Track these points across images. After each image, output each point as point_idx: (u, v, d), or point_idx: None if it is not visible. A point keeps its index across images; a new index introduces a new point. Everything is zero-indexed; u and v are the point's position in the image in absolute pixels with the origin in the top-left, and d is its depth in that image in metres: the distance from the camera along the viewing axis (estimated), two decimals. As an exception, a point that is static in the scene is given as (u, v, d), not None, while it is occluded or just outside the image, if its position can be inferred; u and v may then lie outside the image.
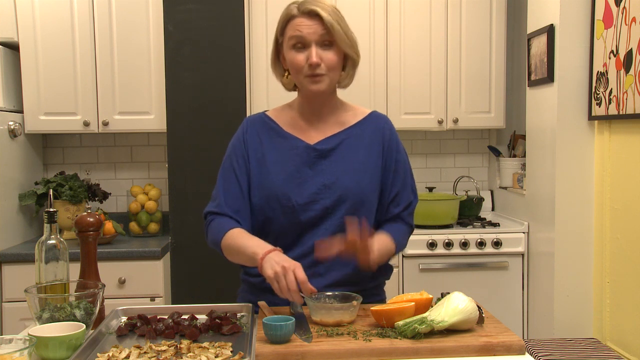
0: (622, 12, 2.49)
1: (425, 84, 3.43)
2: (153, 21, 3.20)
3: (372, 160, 1.74)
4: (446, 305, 1.44)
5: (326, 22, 1.62)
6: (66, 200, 3.18)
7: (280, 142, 1.74)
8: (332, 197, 1.68)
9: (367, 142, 1.75)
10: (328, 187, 1.69)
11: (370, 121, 1.79)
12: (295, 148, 1.72)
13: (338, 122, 1.77)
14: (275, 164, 1.71)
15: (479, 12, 3.42)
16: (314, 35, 1.63)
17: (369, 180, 1.72)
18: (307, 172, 1.70)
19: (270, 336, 1.38)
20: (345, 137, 1.75)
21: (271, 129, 1.77)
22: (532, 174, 3.11)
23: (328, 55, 1.65)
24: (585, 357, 2.42)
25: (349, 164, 1.71)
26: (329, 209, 1.68)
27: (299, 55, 1.65)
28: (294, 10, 1.66)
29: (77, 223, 1.64)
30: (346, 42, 1.66)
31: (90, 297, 1.51)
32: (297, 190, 1.68)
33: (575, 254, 2.85)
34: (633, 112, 2.43)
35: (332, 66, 1.66)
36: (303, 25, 1.63)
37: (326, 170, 1.70)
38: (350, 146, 1.74)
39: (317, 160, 1.71)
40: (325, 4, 1.66)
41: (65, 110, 3.21)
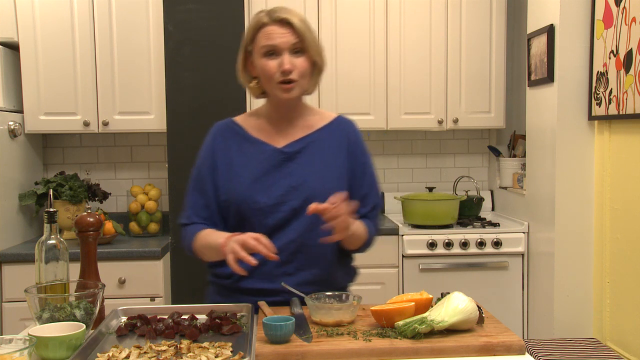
0: (622, 12, 2.49)
1: (425, 84, 3.43)
2: (153, 21, 3.20)
3: (338, 162, 1.78)
4: (446, 305, 1.44)
5: (298, 30, 1.67)
6: (66, 200, 3.18)
7: (247, 146, 1.78)
8: (300, 199, 1.71)
9: (333, 145, 1.79)
10: (295, 189, 1.72)
11: (336, 125, 1.83)
12: (263, 152, 1.76)
13: (305, 126, 1.81)
14: (243, 168, 1.75)
15: (479, 12, 3.42)
16: (286, 43, 1.67)
17: (335, 182, 1.76)
18: (274, 175, 1.74)
19: (270, 336, 1.38)
20: (312, 140, 1.79)
21: (238, 134, 1.81)
22: (532, 174, 3.11)
23: (299, 62, 1.69)
24: (585, 357, 2.42)
25: (315, 166, 1.75)
26: (296, 210, 1.71)
27: (271, 62, 1.68)
28: (265, 19, 1.69)
29: (77, 223, 1.64)
30: (316, 50, 1.71)
31: (90, 297, 1.51)
32: (265, 193, 1.72)
33: (575, 254, 2.85)
34: (633, 112, 2.43)
35: (304, 73, 1.70)
36: (275, 34, 1.67)
37: (293, 173, 1.74)
38: (317, 149, 1.78)
39: (284, 163, 1.75)
40: (295, 13, 1.70)
41: (65, 110, 3.21)
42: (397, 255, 3.18)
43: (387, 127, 3.44)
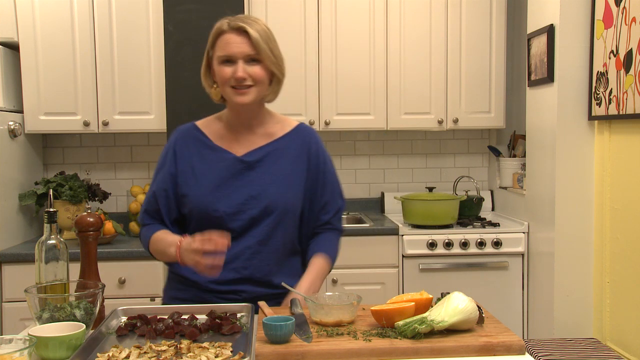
0: (622, 12, 2.49)
1: (425, 84, 3.43)
2: (153, 21, 3.20)
3: (298, 172, 1.81)
4: (446, 305, 1.44)
5: (253, 40, 1.69)
6: (66, 200, 3.18)
7: (208, 154, 1.80)
8: (259, 208, 1.75)
9: (293, 154, 1.82)
10: (254, 198, 1.75)
11: (296, 134, 1.86)
12: (223, 160, 1.78)
13: (266, 134, 1.83)
14: (203, 176, 1.77)
15: (479, 12, 3.42)
16: (241, 53, 1.70)
17: (294, 192, 1.79)
18: (234, 184, 1.76)
19: (270, 336, 1.38)
20: (272, 149, 1.81)
21: (200, 140, 1.83)
22: (532, 174, 3.11)
23: (254, 69, 1.72)
24: (585, 357, 2.42)
25: (275, 176, 1.78)
26: (255, 219, 1.75)
27: (226, 69, 1.72)
28: (224, 26, 1.73)
29: (77, 223, 1.64)
30: (272, 60, 1.73)
31: (90, 297, 1.51)
32: (225, 201, 1.74)
33: (575, 254, 2.85)
34: (633, 112, 2.43)
35: (258, 79, 1.73)
36: (232, 43, 1.70)
37: (253, 182, 1.76)
38: (277, 158, 1.80)
39: (244, 171, 1.78)
40: (255, 22, 1.73)
41: (65, 110, 3.21)
42: (397, 255, 3.18)
43: (387, 127, 3.44)
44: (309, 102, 3.37)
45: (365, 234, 3.17)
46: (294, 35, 3.34)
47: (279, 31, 3.31)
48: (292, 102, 3.36)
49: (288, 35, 3.32)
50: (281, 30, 3.32)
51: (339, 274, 3.15)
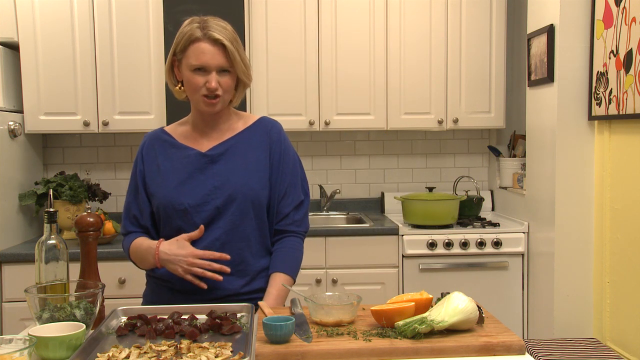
0: (622, 12, 2.49)
1: (425, 84, 3.43)
2: (153, 21, 3.20)
3: (261, 160, 1.84)
4: (446, 305, 1.44)
5: (230, 52, 1.72)
6: (66, 200, 3.18)
7: (173, 152, 1.84)
8: (222, 197, 1.78)
9: (256, 144, 1.85)
10: (218, 188, 1.78)
11: (258, 125, 1.89)
12: (187, 156, 1.82)
13: (228, 130, 1.87)
14: (168, 172, 1.82)
15: (479, 12, 3.42)
16: (216, 65, 1.72)
17: (257, 179, 1.82)
18: (198, 177, 1.80)
19: (270, 336, 1.38)
20: (235, 142, 1.84)
21: (166, 141, 1.87)
22: (532, 174, 3.11)
23: (225, 79, 1.75)
24: (585, 357, 2.42)
25: (237, 166, 1.81)
26: (219, 209, 1.78)
27: (198, 78, 1.74)
28: (198, 33, 1.73)
29: (77, 223, 1.64)
30: (243, 70, 1.77)
31: (90, 297, 1.51)
32: (189, 194, 1.78)
33: (575, 254, 2.85)
34: (633, 112, 2.43)
35: (228, 89, 1.77)
36: (206, 53, 1.72)
37: (217, 174, 1.80)
38: (239, 150, 1.84)
39: (208, 165, 1.81)
40: (226, 30, 1.75)
41: (65, 110, 3.21)
42: (397, 255, 3.18)
43: (387, 127, 3.44)
44: (309, 102, 3.37)
45: (365, 234, 3.17)
46: (294, 35, 3.34)
47: (279, 31, 3.33)
48: (292, 102, 3.36)
49: (288, 35, 3.32)
50: (281, 30, 3.33)
51: (339, 274, 3.15)
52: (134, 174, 1.88)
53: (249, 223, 1.80)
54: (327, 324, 1.50)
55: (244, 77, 1.79)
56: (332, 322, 1.50)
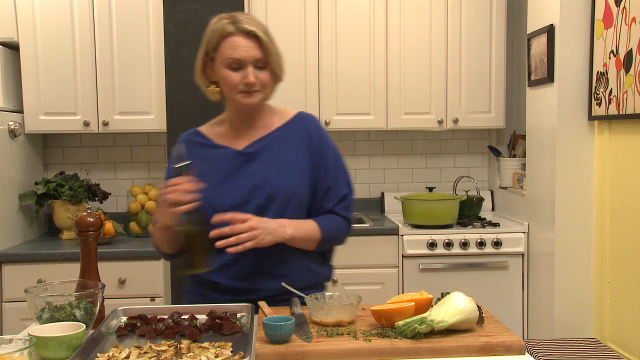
0: (622, 12, 2.49)
1: (425, 84, 3.43)
2: (153, 21, 3.20)
3: (300, 158, 1.79)
4: (446, 305, 1.44)
5: (263, 44, 1.68)
6: (66, 200, 3.18)
7: (209, 152, 1.81)
8: (263, 197, 1.74)
9: (294, 141, 1.81)
10: (258, 188, 1.75)
11: (296, 121, 1.85)
12: (224, 156, 1.79)
13: (265, 126, 1.83)
14: (205, 173, 1.77)
15: (479, 12, 3.42)
16: (251, 57, 1.68)
17: (297, 178, 1.78)
18: (236, 177, 1.77)
19: (270, 336, 1.38)
20: (271, 139, 1.81)
21: (200, 142, 1.84)
22: (532, 174, 3.11)
23: (262, 75, 1.71)
24: (585, 357, 2.42)
25: (276, 164, 1.77)
26: (260, 208, 1.74)
27: (234, 75, 1.70)
28: (230, 27, 1.69)
29: (77, 223, 1.64)
30: (278, 64, 1.74)
31: (90, 297, 1.51)
32: (229, 194, 1.75)
33: (575, 254, 2.85)
34: (633, 112, 2.43)
35: (266, 84, 1.74)
36: (241, 47, 1.67)
37: (255, 172, 1.76)
38: (277, 147, 1.80)
39: (245, 163, 1.78)
40: (258, 22, 1.71)
41: (65, 110, 3.21)
42: (397, 255, 3.18)
43: (387, 127, 3.44)
44: (309, 102, 3.37)
45: (365, 234, 3.17)
46: (294, 36, 3.34)
47: (279, 31, 3.33)
48: (292, 102, 3.35)
49: (288, 36, 3.32)
50: (281, 30, 3.32)
51: (339, 274, 3.14)
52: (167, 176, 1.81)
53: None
54: (327, 324, 1.50)
55: (279, 70, 1.75)
56: (332, 322, 1.50)
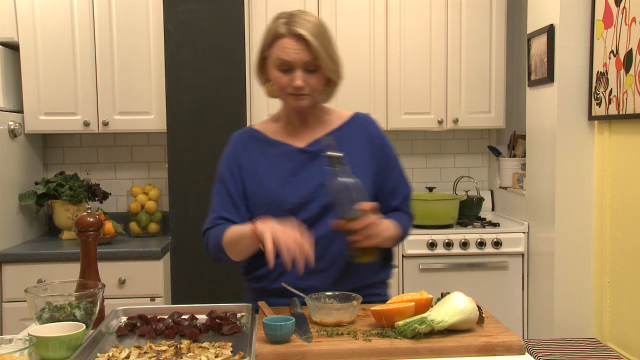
0: (622, 12, 2.49)
1: (425, 84, 3.43)
2: (153, 22, 3.20)
3: (363, 158, 1.78)
4: (446, 305, 1.44)
5: (313, 48, 1.64)
6: (66, 200, 3.18)
7: (269, 150, 1.79)
8: (329, 195, 1.70)
9: (355, 141, 1.80)
10: (324, 186, 1.71)
11: (355, 122, 1.85)
12: (286, 153, 1.77)
13: (323, 126, 1.82)
14: (268, 171, 1.76)
15: (479, 12, 3.42)
16: (300, 60, 1.66)
17: (362, 178, 1.74)
18: (301, 174, 1.74)
19: (270, 336, 1.38)
20: (334, 138, 1.77)
21: (259, 139, 1.82)
22: (532, 174, 3.11)
23: (312, 79, 1.68)
24: (585, 357, 2.42)
25: None
26: (326, 207, 1.71)
27: (283, 77, 1.68)
28: (282, 29, 1.67)
29: (77, 223, 1.64)
30: (330, 68, 1.69)
31: (90, 297, 1.51)
32: (294, 192, 1.72)
33: (575, 254, 2.85)
34: (633, 112, 2.43)
35: (316, 88, 1.71)
36: (290, 50, 1.65)
37: (320, 171, 1.73)
38: (340, 146, 1.76)
39: (309, 162, 1.76)
40: (312, 23, 1.67)
41: (65, 110, 3.21)
42: (397, 255, 3.18)
43: (387, 127, 3.44)
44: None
45: (365, 234, 3.17)
46: (294, 35, 3.33)
47: (279, 31, 3.33)
48: (292, 102, 3.35)
49: (288, 35, 3.32)
50: (281, 30, 3.32)
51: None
52: (226, 172, 1.79)
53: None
54: (327, 324, 1.50)
55: (332, 75, 1.71)
56: (332, 322, 1.50)
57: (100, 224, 1.67)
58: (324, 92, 1.77)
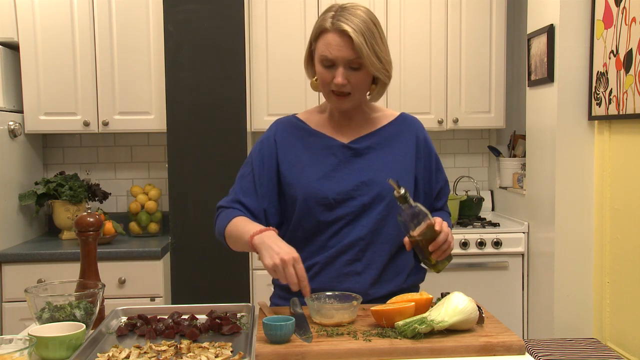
0: (622, 12, 2.49)
1: (425, 84, 3.43)
2: (153, 21, 3.20)
3: (407, 160, 1.76)
4: (446, 305, 1.44)
5: (356, 45, 1.58)
6: (66, 200, 3.18)
7: (313, 141, 1.75)
8: (370, 194, 1.69)
9: (402, 142, 1.77)
10: (365, 185, 1.70)
11: (401, 122, 1.82)
12: (330, 147, 1.74)
13: (369, 123, 1.79)
14: (311, 163, 1.72)
15: (479, 12, 3.42)
16: (342, 58, 1.61)
17: (406, 179, 1.73)
18: (343, 170, 1.71)
19: (270, 336, 1.38)
20: (379, 137, 1.77)
21: (302, 129, 1.78)
22: (532, 174, 3.11)
23: (356, 76, 1.64)
24: (585, 357, 2.42)
25: (385, 163, 1.73)
26: (366, 206, 1.69)
27: (326, 72, 1.65)
28: (327, 23, 1.62)
29: (77, 223, 1.64)
30: (376, 66, 1.63)
31: (90, 297, 1.51)
32: (335, 188, 1.69)
33: (575, 254, 2.85)
34: (633, 112, 2.43)
35: (359, 87, 1.67)
36: (333, 45, 1.61)
37: (362, 169, 1.71)
38: (385, 146, 1.76)
39: (352, 158, 1.73)
40: (359, 19, 1.60)
41: (65, 110, 3.21)
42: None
43: (387, 127, 3.44)
44: (309, 102, 3.37)
45: (365, 234, 3.17)
46: (294, 36, 3.34)
47: (279, 31, 3.33)
48: (292, 102, 3.35)
49: (288, 36, 3.32)
50: (281, 30, 3.33)
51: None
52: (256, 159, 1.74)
53: (394, 223, 1.69)
54: (327, 324, 1.50)
55: (378, 74, 1.65)
56: (332, 323, 1.50)
57: (100, 224, 1.67)
58: (371, 91, 1.74)
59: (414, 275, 1.80)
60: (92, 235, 1.64)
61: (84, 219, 1.64)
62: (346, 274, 1.63)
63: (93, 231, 1.64)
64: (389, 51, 1.69)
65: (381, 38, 1.65)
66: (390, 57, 1.69)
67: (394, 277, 1.73)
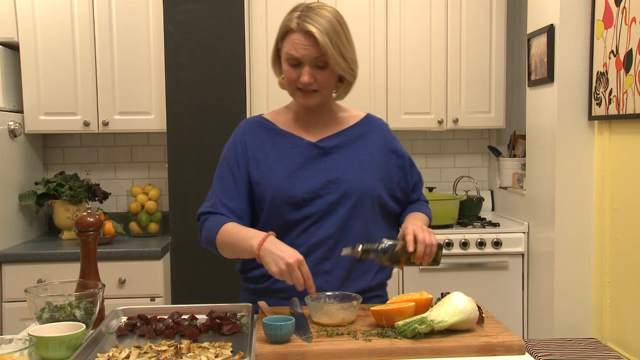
0: (622, 12, 2.49)
1: (425, 84, 3.43)
2: (153, 22, 3.20)
3: (375, 159, 1.78)
4: (446, 305, 1.44)
5: (320, 45, 1.61)
6: (66, 200, 3.18)
7: (280, 140, 1.76)
8: (337, 192, 1.71)
9: (368, 142, 1.80)
10: (332, 183, 1.71)
11: (367, 123, 1.85)
12: (297, 146, 1.75)
13: (336, 123, 1.81)
14: (278, 162, 1.73)
15: (479, 12, 3.42)
16: (308, 57, 1.64)
17: (372, 178, 1.75)
18: (310, 169, 1.72)
19: (270, 336, 1.38)
20: (346, 136, 1.79)
21: (270, 129, 1.79)
22: (532, 174, 3.11)
23: (322, 75, 1.67)
24: (585, 357, 2.42)
25: (352, 162, 1.75)
26: (333, 204, 1.70)
27: (292, 71, 1.67)
28: (293, 24, 1.64)
29: (77, 223, 1.64)
30: (341, 66, 1.65)
31: (90, 297, 1.51)
32: (302, 186, 1.70)
33: (575, 254, 2.85)
34: (633, 112, 2.43)
35: (325, 85, 1.69)
36: (298, 45, 1.63)
37: (329, 167, 1.73)
38: (352, 145, 1.78)
39: (320, 157, 1.74)
40: (325, 19, 1.63)
41: (65, 110, 3.21)
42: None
43: (387, 127, 3.44)
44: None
45: (365, 234, 3.17)
46: (294, 35, 3.33)
47: (279, 31, 3.33)
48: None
49: (288, 35, 3.32)
50: (281, 30, 3.32)
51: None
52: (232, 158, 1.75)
53: (362, 221, 1.71)
54: (327, 324, 1.50)
55: (344, 73, 1.68)
56: (332, 323, 1.50)
57: (100, 224, 1.67)
58: (337, 90, 1.76)
59: (381, 272, 1.81)
60: (92, 235, 1.64)
61: (84, 219, 1.64)
62: (315, 273, 1.62)
63: (93, 231, 1.64)
64: (355, 50, 1.72)
65: (347, 38, 1.68)
66: (356, 57, 1.72)
67: (362, 275, 1.74)
